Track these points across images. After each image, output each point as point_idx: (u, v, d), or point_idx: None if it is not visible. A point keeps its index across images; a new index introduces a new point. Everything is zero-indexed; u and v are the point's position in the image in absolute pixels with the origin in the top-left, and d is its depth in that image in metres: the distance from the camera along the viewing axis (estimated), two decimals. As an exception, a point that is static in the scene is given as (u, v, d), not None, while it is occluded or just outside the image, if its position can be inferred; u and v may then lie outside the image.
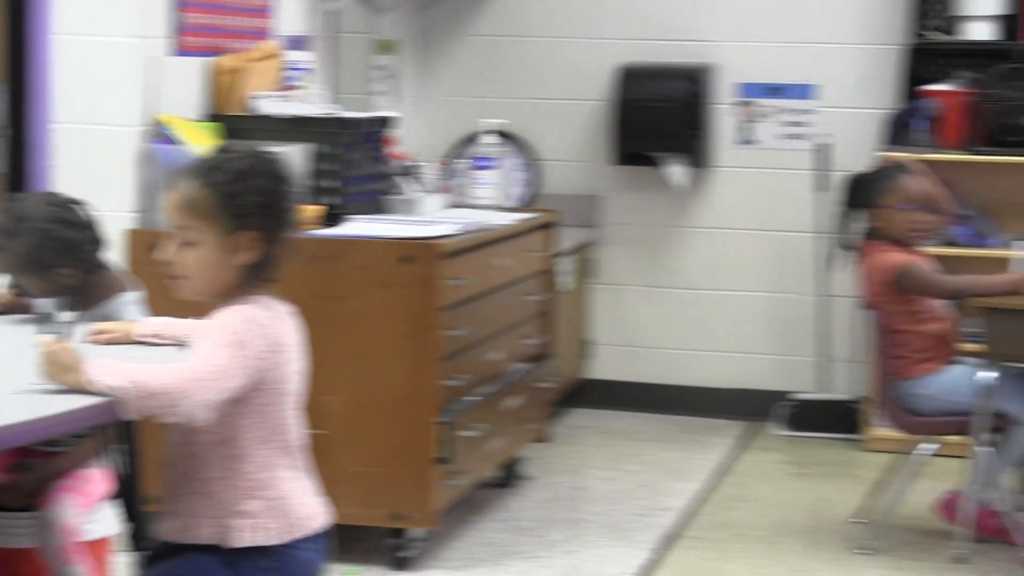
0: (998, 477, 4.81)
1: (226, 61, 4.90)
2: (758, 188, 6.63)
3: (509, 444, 5.21)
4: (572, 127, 6.78)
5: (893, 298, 4.86)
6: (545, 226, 5.52)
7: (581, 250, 6.60)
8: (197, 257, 2.71)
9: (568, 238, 6.18)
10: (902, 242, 4.91)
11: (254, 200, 2.71)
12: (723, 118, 6.62)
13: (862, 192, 5.00)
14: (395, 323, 4.47)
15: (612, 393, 6.77)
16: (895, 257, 4.86)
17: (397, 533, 4.57)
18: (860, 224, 5.02)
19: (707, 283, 6.70)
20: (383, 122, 5.08)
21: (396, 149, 5.24)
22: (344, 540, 3.14)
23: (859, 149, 6.26)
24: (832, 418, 6.38)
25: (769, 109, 6.59)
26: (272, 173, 2.76)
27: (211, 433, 2.71)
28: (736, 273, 6.69)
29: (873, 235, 4.96)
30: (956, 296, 4.90)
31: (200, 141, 4.51)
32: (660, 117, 6.44)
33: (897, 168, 5.04)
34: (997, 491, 4.83)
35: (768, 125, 6.61)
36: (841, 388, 6.50)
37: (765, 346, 6.68)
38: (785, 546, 4.94)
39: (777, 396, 6.52)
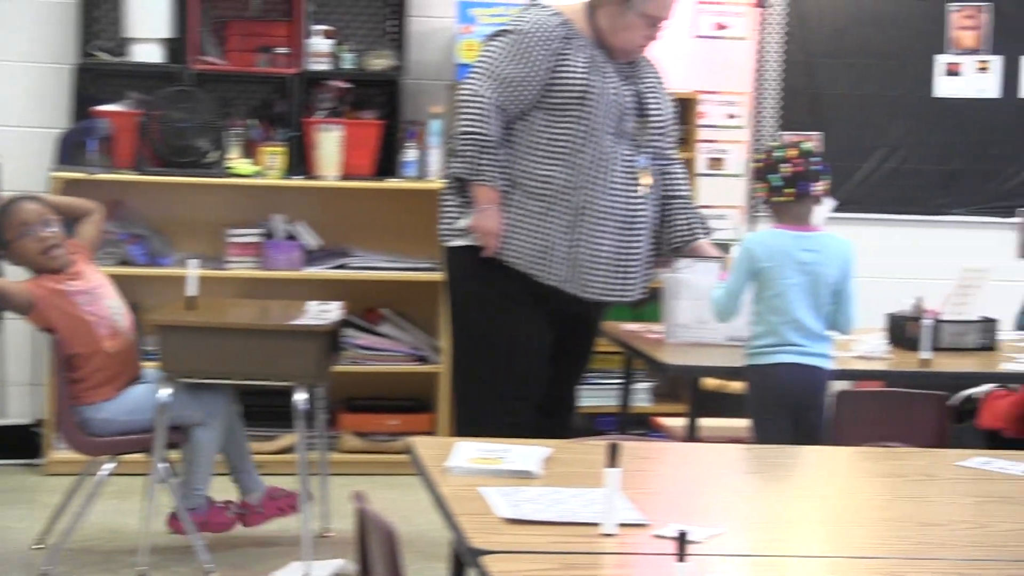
0: (195, 482, 4.94)
1: None
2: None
3: None
4: None
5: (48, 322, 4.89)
6: None
7: None
8: None
9: None
10: (45, 266, 4.91)
11: None
12: None
13: None
14: None
15: None
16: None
17: None
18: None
19: None
20: None
21: None
22: None
23: (33, 169, 6.17)
24: (10, 443, 6.25)
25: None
26: None
27: None
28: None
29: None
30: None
31: None
32: None
33: (7, 203, 4.98)
34: (196, 497, 4.95)
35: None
36: (19, 412, 6.38)
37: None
38: (-37, 579, 4.80)
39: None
